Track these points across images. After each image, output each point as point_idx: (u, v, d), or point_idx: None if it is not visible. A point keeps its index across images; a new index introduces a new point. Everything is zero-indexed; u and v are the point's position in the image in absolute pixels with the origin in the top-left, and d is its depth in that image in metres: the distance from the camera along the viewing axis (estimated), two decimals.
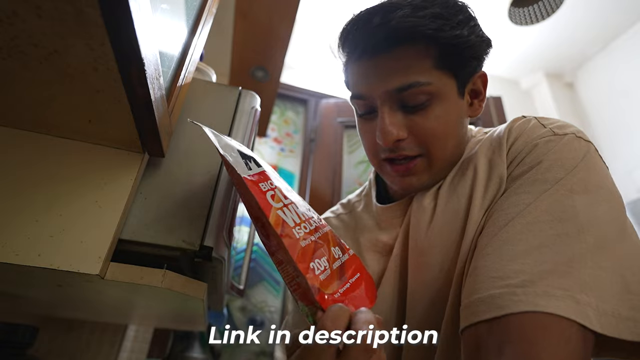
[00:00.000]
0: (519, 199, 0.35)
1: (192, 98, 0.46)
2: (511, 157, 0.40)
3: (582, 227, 0.31)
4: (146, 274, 0.35)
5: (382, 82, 0.41)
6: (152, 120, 0.32)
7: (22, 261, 0.30)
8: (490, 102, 1.93)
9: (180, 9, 0.39)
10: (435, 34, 0.38)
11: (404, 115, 0.41)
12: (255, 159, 0.37)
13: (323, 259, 0.31)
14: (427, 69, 0.40)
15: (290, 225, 0.31)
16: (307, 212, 0.35)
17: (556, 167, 0.35)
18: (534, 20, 1.60)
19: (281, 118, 1.98)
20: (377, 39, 0.40)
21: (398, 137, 0.41)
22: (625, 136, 2.01)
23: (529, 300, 0.28)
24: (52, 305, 0.59)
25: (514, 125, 0.42)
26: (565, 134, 0.38)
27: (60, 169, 0.35)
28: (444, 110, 0.41)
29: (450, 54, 0.40)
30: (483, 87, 0.47)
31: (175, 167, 0.41)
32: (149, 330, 1.05)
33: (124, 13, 0.22)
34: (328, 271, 0.31)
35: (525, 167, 0.37)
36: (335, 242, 0.35)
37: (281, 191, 0.34)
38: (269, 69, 1.41)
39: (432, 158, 0.43)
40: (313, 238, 0.32)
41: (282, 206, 0.32)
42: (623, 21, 2.04)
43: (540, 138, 0.38)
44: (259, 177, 0.34)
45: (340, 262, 0.33)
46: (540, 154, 0.37)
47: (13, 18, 0.23)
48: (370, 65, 0.41)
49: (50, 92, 0.30)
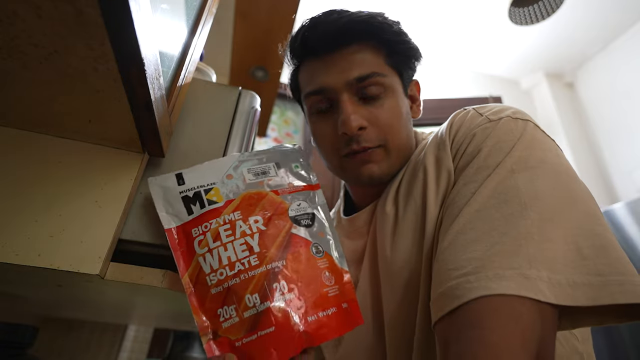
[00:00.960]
0: (466, 189, 0.36)
1: (192, 98, 0.46)
2: (454, 149, 0.41)
3: (525, 203, 0.32)
4: (146, 274, 0.35)
5: (342, 73, 0.44)
6: (152, 120, 0.32)
7: (22, 261, 0.30)
8: (490, 102, 1.93)
9: (180, 9, 0.39)
10: (384, 33, 0.45)
11: (362, 106, 0.45)
12: (203, 199, 0.36)
13: (232, 307, 0.32)
14: (381, 64, 0.45)
15: (206, 272, 0.33)
16: (254, 243, 0.35)
17: (495, 151, 0.36)
18: (534, 20, 1.60)
19: (281, 118, 1.98)
20: (336, 34, 0.44)
21: (361, 124, 0.43)
22: (626, 136, 2.01)
23: (482, 285, 0.28)
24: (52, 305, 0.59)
25: (454, 119, 0.44)
26: (500, 118, 0.39)
27: (60, 169, 0.35)
28: (395, 103, 0.46)
29: (395, 52, 0.46)
30: (418, 93, 0.53)
31: (175, 167, 0.41)
32: (149, 330, 1.05)
33: (124, 13, 0.22)
34: (236, 319, 0.31)
35: (467, 158, 0.38)
36: (257, 289, 0.33)
37: (220, 229, 0.35)
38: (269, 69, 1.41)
39: (390, 147, 0.46)
40: (226, 285, 0.32)
41: (206, 251, 0.33)
42: (623, 21, 2.04)
43: (477, 127, 0.39)
44: (195, 221, 0.35)
45: (255, 311, 0.32)
46: (479, 142, 0.38)
47: (13, 18, 0.23)
48: (330, 59, 0.45)
49: (50, 92, 0.30)
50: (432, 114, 1.90)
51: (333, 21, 0.44)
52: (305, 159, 0.45)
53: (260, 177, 0.40)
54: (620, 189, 1.97)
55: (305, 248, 0.37)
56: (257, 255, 0.34)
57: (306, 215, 0.39)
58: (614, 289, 0.27)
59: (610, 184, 2.04)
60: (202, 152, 0.43)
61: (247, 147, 0.46)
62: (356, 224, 0.52)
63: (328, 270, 0.37)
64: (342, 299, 0.37)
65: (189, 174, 0.38)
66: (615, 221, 1.37)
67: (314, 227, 0.39)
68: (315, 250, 0.38)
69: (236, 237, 0.34)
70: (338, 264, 0.39)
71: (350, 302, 0.37)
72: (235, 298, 0.32)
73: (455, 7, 2.03)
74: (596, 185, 2.04)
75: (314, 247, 0.38)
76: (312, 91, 0.46)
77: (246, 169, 0.40)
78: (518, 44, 2.23)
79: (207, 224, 0.35)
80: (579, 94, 2.40)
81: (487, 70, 2.49)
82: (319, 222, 0.40)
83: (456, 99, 2.00)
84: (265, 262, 0.34)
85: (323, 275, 0.37)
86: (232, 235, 0.34)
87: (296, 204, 0.40)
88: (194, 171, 0.38)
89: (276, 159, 0.42)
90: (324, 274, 0.37)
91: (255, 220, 0.36)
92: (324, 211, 0.42)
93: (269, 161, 0.42)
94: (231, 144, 0.45)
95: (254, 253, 0.34)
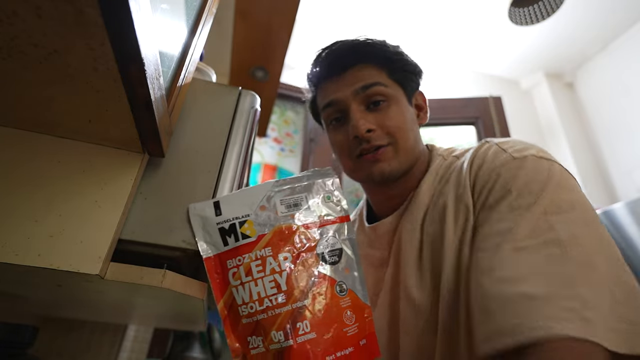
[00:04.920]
0: (500, 227, 0.38)
1: (192, 98, 0.46)
2: (479, 186, 0.43)
3: (565, 247, 0.33)
4: (146, 274, 0.35)
5: (350, 86, 0.52)
6: (152, 120, 0.32)
7: (21, 261, 0.30)
8: (490, 102, 1.93)
9: (180, 9, 0.39)
10: (384, 54, 0.53)
11: (370, 113, 0.51)
12: (237, 232, 0.38)
13: (259, 338, 0.35)
14: (384, 77, 0.52)
15: (238, 303, 0.36)
16: (281, 281, 0.37)
17: (526, 192, 0.38)
18: (534, 20, 1.60)
19: (281, 118, 1.98)
20: (343, 57, 0.53)
21: (369, 127, 0.50)
22: (625, 136, 2.01)
23: (546, 326, 0.29)
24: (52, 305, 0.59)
25: (476, 154, 0.47)
26: (525, 156, 0.41)
27: (60, 169, 0.35)
28: (400, 110, 0.52)
29: (397, 70, 0.54)
30: (424, 103, 0.60)
31: (175, 167, 0.41)
32: (149, 330, 1.05)
33: (124, 13, 0.22)
34: (262, 349, 0.35)
35: (496, 196, 0.40)
36: (281, 326, 0.35)
37: (252, 265, 0.37)
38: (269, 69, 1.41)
39: (398, 146, 0.51)
40: (256, 318, 0.35)
41: (239, 284, 0.36)
42: (623, 21, 2.04)
43: (502, 166, 0.42)
44: (230, 253, 0.37)
45: (279, 346, 0.34)
46: (507, 181, 0.40)
47: (13, 18, 0.23)
48: (340, 78, 0.53)
49: (50, 92, 0.30)
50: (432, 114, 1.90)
51: (339, 47, 0.53)
52: (338, 187, 0.45)
53: (292, 209, 0.41)
54: (620, 188, 1.97)
55: (330, 287, 0.38)
56: (284, 294, 0.36)
57: (334, 251, 0.41)
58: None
59: (610, 184, 2.04)
60: (202, 152, 0.43)
61: (247, 147, 0.46)
62: (378, 232, 0.56)
63: (350, 309, 0.38)
64: (361, 336, 0.38)
65: (225, 203, 0.39)
66: (615, 221, 1.37)
67: (340, 263, 0.40)
68: (339, 289, 0.39)
69: (266, 273, 0.37)
70: (361, 299, 0.40)
71: (368, 336, 0.39)
72: (263, 332, 0.35)
73: (455, 7, 2.03)
74: (596, 185, 2.04)
75: (338, 286, 0.39)
76: (326, 104, 0.54)
77: (279, 200, 0.41)
78: (518, 44, 2.23)
79: (241, 258, 0.37)
80: (578, 94, 2.40)
81: (487, 70, 2.49)
82: (346, 257, 0.41)
83: (456, 99, 2.00)
84: (290, 302, 0.36)
85: (345, 314, 0.38)
86: (263, 272, 0.37)
87: (325, 239, 0.41)
88: (230, 200, 0.39)
89: (309, 189, 0.43)
90: (345, 313, 0.38)
91: (285, 257, 0.38)
92: (352, 244, 0.43)
93: (302, 191, 0.42)
94: (231, 144, 0.45)
95: (281, 291, 0.36)
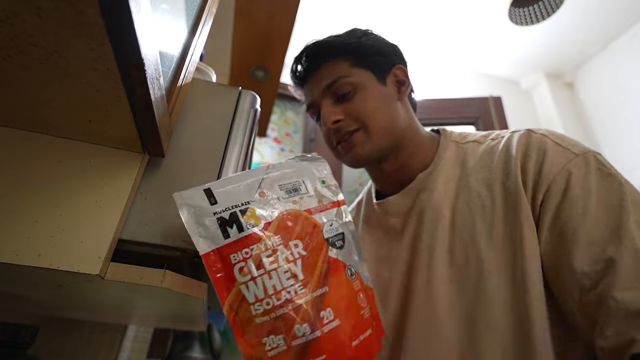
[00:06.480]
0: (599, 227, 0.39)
1: (192, 98, 0.46)
2: (545, 182, 0.44)
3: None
4: (146, 274, 0.35)
5: (317, 87, 0.58)
6: (152, 120, 0.32)
7: (22, 261, 0.30)
8: (490, 102, 1.93)
9: (180, 9, 0.39)
10: (345, 47, 0.57)
11: (338, 104, 0.56)
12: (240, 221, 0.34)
13: (280, 336, 0.31)
14: (346, 69, 0.56)
15: (250, 301, 0.31)
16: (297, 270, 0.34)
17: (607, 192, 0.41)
18: (534, 20, 1.60)
19: (281, 118, 1.98)
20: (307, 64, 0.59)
21: (336, 117, 0.54)
22: (625, 135, 2.01)
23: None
24: (52, 305, 0.59)
25: (528, 144, 0.48)
26: (585, 152, 0.45)
27: (60, 169, 0.35)
28: (367, 94, 0.55)
29: (362, 56, 0.57)
30: (404, 77, 0.60)
31: (175, 167, 0.41)
32: (149, 330, 1.05)
33: (124, 13, 0.22)
34: (283, 347, 0.31)
35: (573, 196, 0.42)
36: (305, 319, 0.32)
37: (262, 255, 0.33)
38: (269, 69, 1.41)
39: (369, 129, 0.54)
40: (274, 315, 0.32)
41: (249, 279, 0.32)
42: (623, 21, 2.04)
43: (569, 162, 0.44)
44: (233, 246, 0.33)
45: (304, 340, 0.31)
46: (579, 181, 0.42)
47: (13, 18, 0.23)
48: (313, 80, 0.59)
49: (50, 92, 0.30)
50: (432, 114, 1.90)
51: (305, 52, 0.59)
52: (329, 172, 0.45)
53: (293, 194, 0.39)
54: None
55: (343, 271, 0.37)
56: (302, 283, 0.33)
57: (338, 236, 0.39)
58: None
59: None
60: (202, 152, 0.43)
61: (247, 147, 0.46)
62: (387, 207, 0.60)
63: (361, 292, 0.38)
64: (372, 319, 0.38)
65: (218, 190, 0.35)
66: None
67: (344, 247, 0.39)
68: (350, 273, 0.38)
69: (279, 264, 0.33)
70: (364, 282, 0.40)
71: (376, 318, 0.39)
72: (284, 328, 0.31)
73: (455, 7, 2.03)
74: None
75: (349, 270, 0.38)
76: (307, 107, 0.62)
77: (278, 186, 0.39)
78: (518, 44, 2.23)
79: (248, 250, 0.33)
80: (578, 94, 2.40)
81: (487, 70, 2.49)
82: (348, 242, 0.40)
83: (456, 99, 2.00)
84: (311, 290, 0.33)
85: (359, 297, 0.37)
86: (276, 262, 0.33)
87: (328, 224, 0.39)
88: (223, 186, 0.36)
89: (304, 174, 0.42)
90: (359, 296, 0.37)
91: (296, 245, 0.35)
92: (350, 228, 0.42)
93: (298, 176, 0.41)
94: (231, 144, 0.45)
95: (298, 281, 0.33)
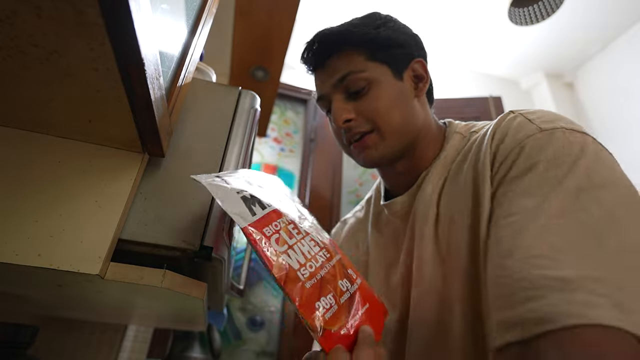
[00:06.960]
0: (526, 202, 0.34)
1: (192, 98, 0.46)
2: (500, 159, 0.39)
3: (600, 226, 0.30)
4: (146, 274, 0.35)
5: (329, 80, 0.52)
6: (152, 120, 0.32)
7: (22, 261, 0.30)
8: (490, 102, 1.93)
9: (180, 9, 0.39)
10: (361, 37, 0.51)
11: (350, 101, 0.51)
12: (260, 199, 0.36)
13: (329, 295, 0.33)
14: (361, 62, 0.50)
15: (295, 267, 0.33)
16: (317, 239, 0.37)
17: (555, 164, 0.34)
18: (534, 20, 1.60)
19: (281, 118, 1.98)
20: (320, 54, 0.53)
21: (347, 116, 0.50)
22: (625, 136, 2.01)
23: (576, 312, 0.26)
24: (52, 305, 0.59)
25: (499, 125, 0.43)
26: (554, 128, 0.37)
27: (60, 169, 0.35)
28: (381, 91, 0.50)
29: (379, 48, 0.51)
30: (424, 72, 0.55)
31: (175, 167, 0.41)
32: (149, 330, 1.05)
33: (124, 13, 0.22)
34: (335, 307, 0.32)
35: (520, 169, 0.36)
36: (342, 274, 0.36)
37: (288, 228, 0.36)
38: (269, 69, 1.41)
39: (382, 131, 0.50)
40: (319, 276, 0.34)
41: (287, 248, 0.34)
42: (623, 21, 2.04)
43: (527, 137, 0.38)
44: (262, 221, 0.34)
45: (348, 294, 0.35)
46: (533, 154, 0.36)
47: (13, 18, 0.23)
48: (321, 72, 0.54)
49: (50, 92, 0.30)
50: None
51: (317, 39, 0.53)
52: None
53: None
54: None
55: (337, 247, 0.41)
56: (325, 249, 0.37)
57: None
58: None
59: None
60: (202, 152, 0.43)
61: (247, 147, 0.46)
62: (393, 209, 0.56)
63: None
64: None
65: (224, 176, 0.37)
66: None
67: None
68: None
69: (303, 234, 0.37)
70: None
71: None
72: (332, 287, 0.34)
73: (455, 7, 2.03)
74: None
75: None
76: (317, 98, 0.56)
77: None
78: (518, 44, 2.23)
79: (277, 223, 0.35)
80: (578, 94, 2.40)
81: (487, 70, 2.49)
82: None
83: (456, 99, 2.00)
84: (333, 254, 0.37)
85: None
86: (300, 234, 0.36)
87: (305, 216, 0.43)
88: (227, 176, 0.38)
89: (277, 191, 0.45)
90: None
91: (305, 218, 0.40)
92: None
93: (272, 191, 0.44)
94: (231, 144, 0.45)
95: (322, 248, 0.37)
